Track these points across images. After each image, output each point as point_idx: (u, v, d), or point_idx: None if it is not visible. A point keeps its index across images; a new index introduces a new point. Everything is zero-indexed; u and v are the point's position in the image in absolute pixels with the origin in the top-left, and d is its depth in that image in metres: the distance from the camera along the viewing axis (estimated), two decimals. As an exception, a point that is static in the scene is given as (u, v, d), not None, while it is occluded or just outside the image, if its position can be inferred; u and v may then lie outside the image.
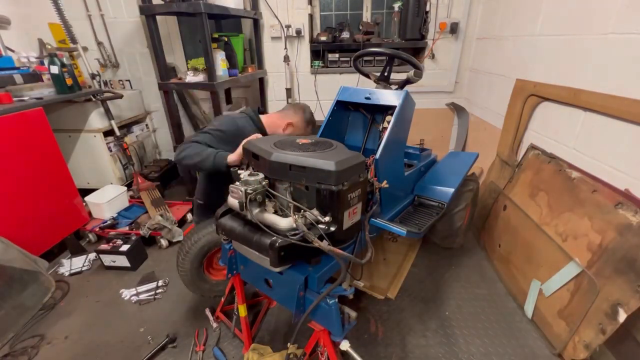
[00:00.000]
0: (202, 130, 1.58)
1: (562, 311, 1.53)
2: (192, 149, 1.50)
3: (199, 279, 1.73)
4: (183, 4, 2.24)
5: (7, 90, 2.11)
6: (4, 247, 1.77)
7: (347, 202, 1.04)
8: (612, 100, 1.47)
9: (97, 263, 2.29)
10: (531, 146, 2.10)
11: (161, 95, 3.40)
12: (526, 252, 1.85)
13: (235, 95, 3.56)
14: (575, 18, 1.76)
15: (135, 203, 2.79)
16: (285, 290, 1.22)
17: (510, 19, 2.43)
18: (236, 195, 1.01)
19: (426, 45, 3.11)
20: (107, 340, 1.71)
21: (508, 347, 1.61)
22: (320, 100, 3.37)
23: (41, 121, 2.12)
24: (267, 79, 3.34)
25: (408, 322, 1.77)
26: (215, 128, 1.59)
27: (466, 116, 3.27)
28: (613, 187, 1.47)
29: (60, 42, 3.00)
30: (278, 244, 0.99)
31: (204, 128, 1.61)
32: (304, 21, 3.07)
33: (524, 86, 2.16)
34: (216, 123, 1.63)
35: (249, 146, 1.20)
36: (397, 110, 1.49)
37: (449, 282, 2.06)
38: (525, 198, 1.97)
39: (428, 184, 1.92)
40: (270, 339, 1.68)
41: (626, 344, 1.39)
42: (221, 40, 2.64)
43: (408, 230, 1.48)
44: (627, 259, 1.28)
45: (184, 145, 1.53)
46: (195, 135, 1.57)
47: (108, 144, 2.83)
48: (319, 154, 1.06)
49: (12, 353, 1.64)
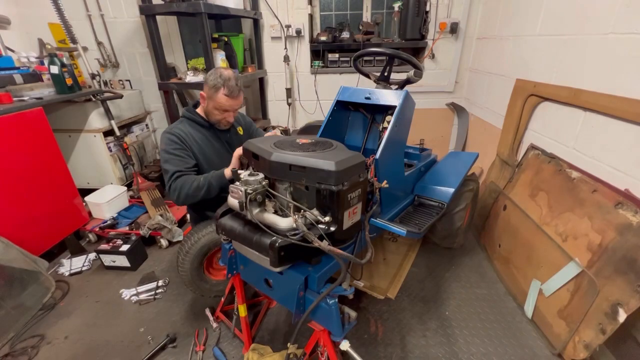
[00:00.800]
0: (165, 160, 1.56)
1: (562, 311, 1.53)
2: (185, 184, 1.50)
3: (199, 279, 1.73)
4: (183, 4, 2.24)
5: (7, 90, 2.11)
6: (4, 247, 1.77)
7: (347, 202, 1.04)
8: (612, 100, 1.47)
9: (97, 263, 2.29)
10: (531, 146, 2.10)
11: (161, 95, 3.41)
12: (526, 252, 1.85)
13: (235, 95, 3.55)
14: (575, 18, 1.76)
15: (135, 203, 2.79)
16: (285, 290, 1.22)
17: (510, 19, 2.43)
18: (236, 195, 1.01)
19: (426, 45, 3.11)
20: (107, 340, 1.71)
21: (508, 347, 1.61)
22: (320, 100, 3.37)
23: (41, 121, 2.12)
24: (267, 79, 3.34)
25: (408, 322, 1.77)
26: (170, 150, 1.56)
27: (466, 116, 3.27)
28: (613, 187, 1.47)
29: (60, 42, 3.00)
30: (278, 244, 0.99)
31: (164, 156, 1.58)
32: (304, 21, 3.07)
33: (524, 86, 2.16)
34: (164, 146, 1.59)
35: (249, 146, 1.20)
36: (397, 110, 1.49)
37: (449, 282, 2.06)
38: (525, 198, 1.97)
39: (428, 184, 1.92)
40: (270, 339, 1.68)
41: (626, 344, 1.39)
42: (221, 40, 2.64)
43: (408, 230, 1.47)
44: (627, 259, 1.28)
45: (172, 185, 1.52)
46: (166, 169, 1.55)
47: (108, 144, 2.83)
48: (319, 154, 1.06)
49: (12, 353, 1.64)
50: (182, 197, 1.52)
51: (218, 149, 1.75)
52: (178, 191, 1.52)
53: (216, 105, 1.60)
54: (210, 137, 1.73)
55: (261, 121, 3.41)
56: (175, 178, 1.52)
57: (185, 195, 1.52)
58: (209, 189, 1.52)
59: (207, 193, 1.53)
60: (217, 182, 1.53)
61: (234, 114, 1.70)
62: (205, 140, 1.71)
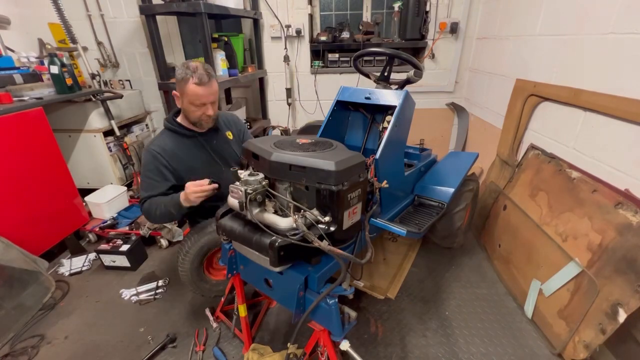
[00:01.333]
0: (141, 181, 1.60)
1: (562, 311, 1.53)
2: (152, 210, 1.52)
3: (199, 279, 1.73)
4: (183, 4, 2.23)
5: (7, 90, 2.11)
6: (4, 247, 1.77)
7: (347, 202, 1.04)
8: (612, 100, 1.47)
9: (97, 263, 2.29)
10: (531, 146, 2.10)
11: (161, 95, 3.41)
12: (526, 252, 1.85)
13: (235, 95, 3.56)
14: (575, 18, 1.76)
15: (135, 203, 2.79)
16: (285, 290, 1.22)
17: (510, 19, 2.43)
18: (236, 195, 1.01)
19: (426, 45, 3.11)
20: (107, 340, 1.71)
21: (508, 347, 1.61)
22: (320, 100, 3.37)
23: (41, 121, 2.12)
24: (267, 79, 3.34)
25: (408, 322, 1.77)
26: (144, 172, 1.57)
27: (466, 116, 3.27)
28: (613, 187, 1.47)
29: (60, 42, 3.00)
30: (278, 244, 0.99)
31: (141, 176, 1.60)
32: (304, 21, 3.07)
33: (524, 86, 2.16)
34: (142, 165, 1.59)
35: (249, 146, 1.20)
36: (397, 110, 1.49)
37: (449, 282, 2.06)
38: (525, 198, 1.97)
39: (428, 183, 1.92)
40: (270, 339, 1.68)
41: (626, 344, 1.39)
42: (221, 40, 2.64)
43: (408, 230, 1.47)
44: (627, 259, 1.28)
45: (142, 208, 1.56)
46: (140, 191, 1.60)
47: (108, 144, 2.83)
48: (319, 154, 1.06)
49: (12, 353, 1.64)
50: (152, 220, 1.58)
51: (204, 158, 1.67)
52: (147, 215, 1.56)
53: (190, 99, 1.50)
54: (193, 147, 1.64)
55: (261, 121, 3.41)
56: (143, 202, 1.56)
57: (154, 220, 1.57)
58: (171, 216, 1.53)
59: (170, 218, 1.57)
60: (175, 210, 1.48)
61: (213, 108, 1.58)
62: (188, 152, 1.63)
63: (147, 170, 1.56)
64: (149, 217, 1.55)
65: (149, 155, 1.56)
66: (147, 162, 1.56)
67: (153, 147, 1.58)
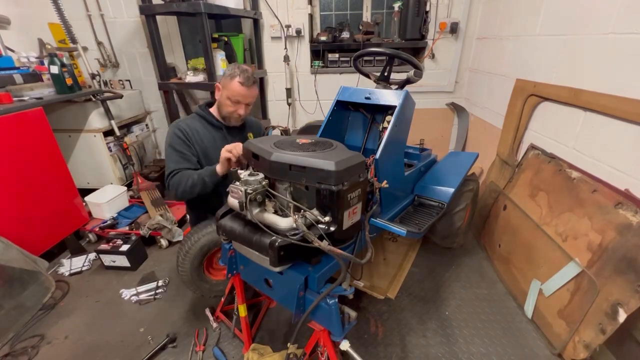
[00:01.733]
0: (168, 155, 1.63)
1: (562, 311, 1.53)
2: (181, 182, 1.55)
3: (199, 279, 1.73)
4: (183, 4, 2.24)
5: (7, 90, 2.11)
6: (4, 247, 1.77)
7: (347, 202, 1.04)
8: (612, 100, 1.47)
9: (97, 263, 2.29)
10: (531, 146, 2.10)
11: (161, 95, 3.41)
12: (526, 252, 1.85)
13: (235, 95, 3.55)
14: (575, 18, 1.76)
15: (135, 203, 2.79)
16: (285, 290, 1.22)
17: (510, 19, 2.43)
18: (236, 195, 1.01)
19: (426, 45, 3.11)
20: (107, 340, 1.71)
21: (508, 347, 1.61)
22: (320, 100, 3.37)
23: (41, 121, 2.12)
24: (267, 79, 3.34)
25: (408, 322, 1.77)
26: (172, 146, 1.62)
27: (466, 116, 3.27)
28: (613, 187, 1.47)
29: (60, 42, 3.00)
30: (278, 244, 0.99)
31: (167, 151, 1.64)
32: (304, 21, 3.07)
33: (524, 86, 2.16)
34: (169, 141, 1.64)
35: (249, 146, 1.20)
36: (397, 110, 1.49)
37: (449, 282, 2.06)
38: (525, 198, 1.97)
39: (428, 183, 1.92)
40: (270, 339, 1.68)
41: (626, 344, 1.39)
42: (221, 40, 2.64)
43: (408, 230, 1.47)
44: (627, 258, 1.28)
45: (170, 181, 1.59)
46: (168, 165, 1.62)
47: (108, 144, 2.83)
48: (319, 154, 1.06)
49: (12, 353, 1.64)
50: (180, 194, 1.58)
51: (221, 149, 1.73)
52: (175, 187, 1.58)
53: (229, 94, 1.62)
54: (217, 138, 1.73)
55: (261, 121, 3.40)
56: (172, 175, 1.58)
57: (182, 192, 1.57)
58: (203, 185, 1.56)
59: (202, 189, 1.57)
60: (210, 179, 1.55)
61: (246, 110, 1.70)
62: (212, 141, 1.72)
63: (176, 144, 1.62)
64: (178, 188, 1.57)
65: (177, 131, 1.63)
66: (175, 137, 1.63)
67: (181, 123, 1.66)
